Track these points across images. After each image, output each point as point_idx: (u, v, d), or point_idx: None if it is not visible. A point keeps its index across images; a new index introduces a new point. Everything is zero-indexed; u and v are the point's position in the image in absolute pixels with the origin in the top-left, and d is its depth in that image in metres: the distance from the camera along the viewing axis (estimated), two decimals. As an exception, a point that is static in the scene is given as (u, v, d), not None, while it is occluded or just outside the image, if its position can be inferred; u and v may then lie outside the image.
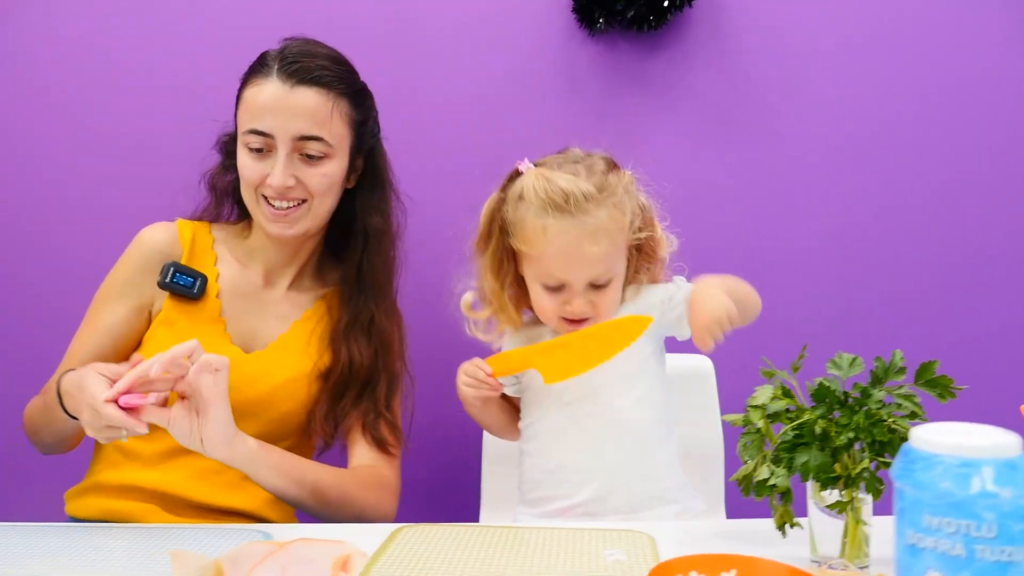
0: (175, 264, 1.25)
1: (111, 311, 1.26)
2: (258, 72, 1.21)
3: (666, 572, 0.71)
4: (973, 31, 1.67)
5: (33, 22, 1.66)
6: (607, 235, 1.11)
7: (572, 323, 1.16)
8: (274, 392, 1.24)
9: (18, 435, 1.29)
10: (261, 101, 1.19)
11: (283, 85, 1.18)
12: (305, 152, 1.21)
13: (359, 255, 1.31)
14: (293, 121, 1.18)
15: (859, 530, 0.83)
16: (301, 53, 1.22)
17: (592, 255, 1.10)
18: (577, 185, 1.10)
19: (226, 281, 1.29)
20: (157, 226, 1.31)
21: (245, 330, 1.28)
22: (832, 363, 0.86)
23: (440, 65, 1.67)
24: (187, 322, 1.24)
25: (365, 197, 1.33)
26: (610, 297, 1.16)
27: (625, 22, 1.63)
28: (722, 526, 1.01)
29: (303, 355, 1.28)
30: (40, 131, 1.66)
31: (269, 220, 1.23)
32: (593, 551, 0.90)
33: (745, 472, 0.84)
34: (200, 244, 1.30)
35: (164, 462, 1.19)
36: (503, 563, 0.86)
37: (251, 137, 1.20)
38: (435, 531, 0.96)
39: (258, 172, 1.21)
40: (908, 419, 0.81)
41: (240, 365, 1.20)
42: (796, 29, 1.67)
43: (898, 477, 0.58)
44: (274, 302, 1.31)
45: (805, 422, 0.80)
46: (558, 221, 1.10)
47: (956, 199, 1.68)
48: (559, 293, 1.15)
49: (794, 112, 1.68)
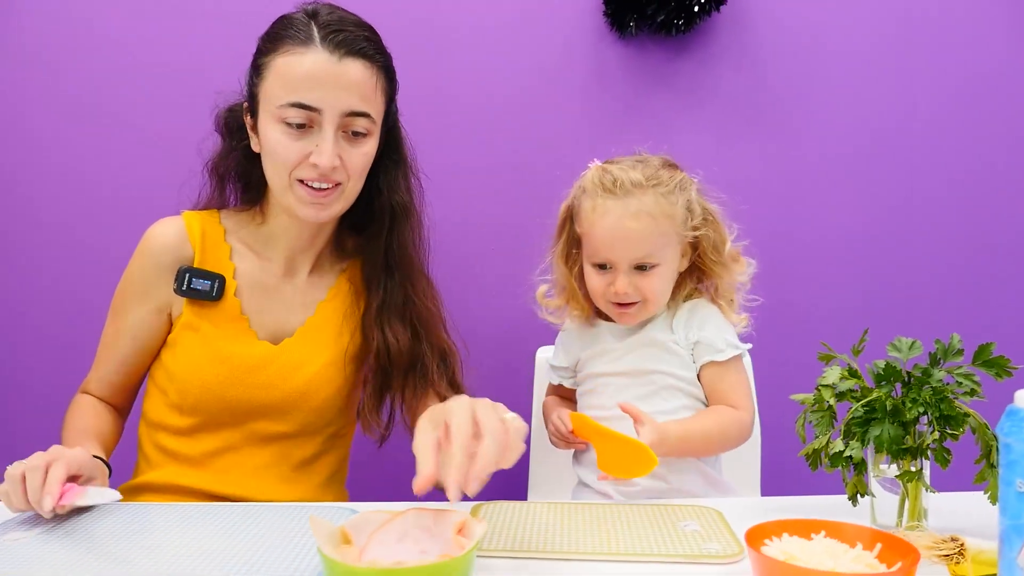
0: (189, 269, 1.18)
1: (131, 317, 1.21)
2: (293, 38, 1.10)
3: (761, 533, 0.77)
4: (985, 34, 1.76)
5: (31, 13, 1.69)
6: (650, 217, 1.19)
7: (620, 307, 1.24)
8: (311, 381, 1.21)
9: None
10: (305, 71, 1.08)
11: (330, 56, 1.08)
12: (351, 129, 1.12)
13: (384, 234, 1.24)
14: (344, 95, 1.09)
15: (919, 499, 0.90)
16: (341, 21, 1.12)
17: (634, 232, 1.19)
18: (627, 173, 1.21)
19: (244, 276, 1.22)
20: (164, 224, 1.23)
21: (270, 322, 1.23)
22: (892, 346, 0.93)
23: (476, 65, 1.73)
24: (210, 325, 1.19)
25: (390, 174, 1.24)
26: (655, 284, 1.22)
27: (655, 25, 1.70)
28: (778, 502, 1.06)
29: (335, 337, 1.24)
30: (38, 118, 1.69)
31: (304, 203, 1.14)
32: (670, 523, 0.95)
33: (815, 446, 0.90)
34: (211, 238, 1.22)
35: (211, 462, 1.19)
36: (596, 531, 0.92)
37: (292, 111, 1.09)
38: (517, 507, 1.02)
39: (297, 150, 1.11)
40: (967, 397, 0.88)
41: (272, 360, 1.19)
42: (818, 34, 1.75)
43: (1007, 434, 0.64)
44: (297, 289, 1.25)
45: (876, 399, 0.86)
46: (606, 201, 1.21)
47: (970, 195, 1.78)
48: (607, 273, 1.23)
49: (816, 113, 1.76)
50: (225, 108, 1.24)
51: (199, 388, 1.17)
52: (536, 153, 1.75)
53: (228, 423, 1.19)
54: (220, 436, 1.19)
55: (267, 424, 1.20)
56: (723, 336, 1.24)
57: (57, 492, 0.91)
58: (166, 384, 1.20)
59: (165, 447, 1.20)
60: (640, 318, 1.26)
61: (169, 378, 1.19)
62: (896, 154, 1.77)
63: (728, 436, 1.21)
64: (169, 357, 1.20)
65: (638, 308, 1.24)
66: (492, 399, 1.23)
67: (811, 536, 0.77)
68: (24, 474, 0.93)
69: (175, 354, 1.19)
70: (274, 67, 1.10)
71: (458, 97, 1.73)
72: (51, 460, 0.95)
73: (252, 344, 1.20)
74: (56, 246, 1.70)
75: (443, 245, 1.72)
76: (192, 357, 1.18)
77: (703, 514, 0.99)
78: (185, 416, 1.18)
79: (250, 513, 0.97)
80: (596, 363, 1.29)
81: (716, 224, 1.26)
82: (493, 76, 1.73)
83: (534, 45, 1.73)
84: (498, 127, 1.74)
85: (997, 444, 0.85)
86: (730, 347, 1.24)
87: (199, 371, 1.17)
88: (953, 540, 0.77)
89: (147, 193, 1.67)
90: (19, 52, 1.68)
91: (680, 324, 1.26)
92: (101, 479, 1.04)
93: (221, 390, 1.17)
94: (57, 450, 0.98)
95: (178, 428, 1.19)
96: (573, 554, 0.85)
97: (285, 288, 1.24)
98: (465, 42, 1.72)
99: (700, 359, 1.24)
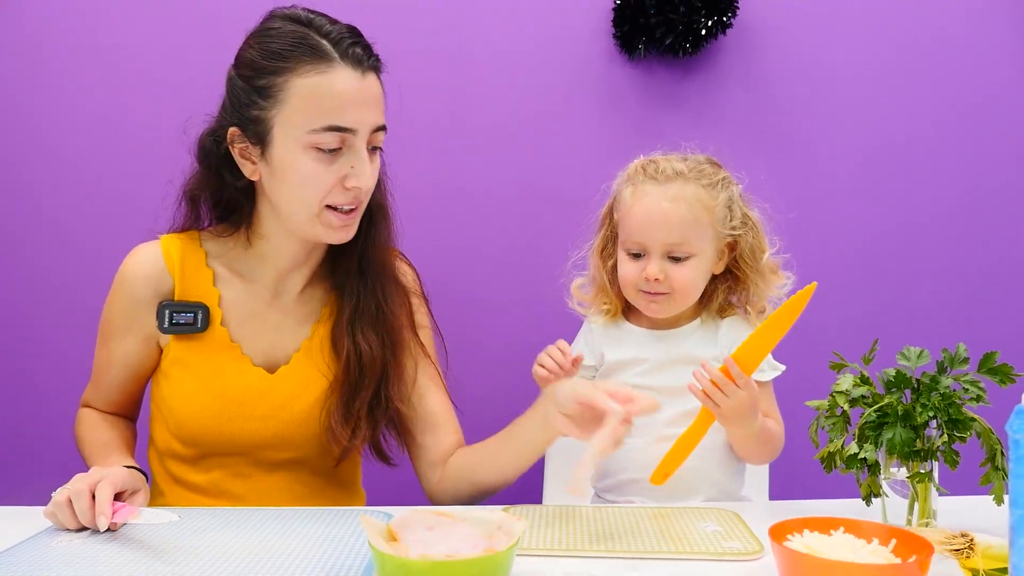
0: (170, 304, 1.13)
1: (119, 347, 1.18)
2: (310, 56, 1.02)
3: (784, 530, 0.81)
4: (987, 56, 1.83)
5: (30, 19, 1.74)
6: (687, 204, 1.19)
7: (649, 296, 1.22)
8: (310, 410, 1.16)
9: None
10: (338, 92, 1.01)
11: (355, 72, 1.03)
12: (374, 145, 1.08)
13: (361, 236, 1.16)
14: (373, 112, 1.05)
15: (928, 500, 0.95)
16: (349, 31, 1.06)
17: (671, 215, 1.19)
18: (671, 163, 1.24)
19: (230, 302, 1.16)
20: (140, 255, 1.16)
21: (265, 347, 1.17)
22: (901, 355, 0.98)
23: (489, 87, 1.78)
24: (199, 358, 1.15)
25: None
26: (686, 273, 1.21)
27: (663, 48, 1.76)
28: (790, 505, 1.11)
29: (330, 360, 1.19)
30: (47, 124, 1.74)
31: (333, 228, 1.08)
32: (690, 524, 1.00)
33: (830, 450, 0.95)
34: (191, 265, 1.16)
35: (222, 490, 1.17)
36: (622, 532, 0.97)
37: (327, 136, 1.02)
38: (543, 510, 1.06)
39: (332, 176, 1.04)
40: (973, 402, 0.93)
41: (267, 390, 1.15)
42: (823, 56, 1.81)
43: (1016, 431, 0.69)
44: (288, 310, 1.19)
45: (887, 404, 0.91)
46: (645, 185, 1.23)
47: (971, 210, 1.84)
48: (639, 260, 1.23)
49: (821, 133, 1.82)
50: (208, 132, 1.13)
51: (195, 423, 1.14)
52: (548, 171, 1.81)
53: (232, 453, 1.17)
54: (227, 466, 1.17)
55: (272, 453, 1.17)
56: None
57: (110, 512, 0.92)
58: (167, 414, 1.17)
59: (176, 475, 1.19)
60: (667, 311, 1.25)
61: (166, 409, 1.17)
62: (900, 172, 1.83)
63: (774, 444, 1.23)
64: (164, 388, 1.17)
65: (666, 299, 1.23)
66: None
67: (830, 532, 0.82)
68: (70, 499, 0.94)
69: (169, 386, 1.16)
70: (296, 90, 1.02)
71: (473, 117, 1.78)
72: (95, 482, 0.95)
73: (247, 373, 1.16)
74: (63, 250, 1.75)
75: (458, 260, 1.79)
76: (185, 392, 1.15)
77: (722, 516, 1.04)
78: (187, 446, 1.16)
79: (291, 516, 1.02)
80: (627, 371, 1.28)
81: (756, 231, 1.26)
82: (507, 97, 1.79)
83: (546, 67, 1.79)
84: (512, 146, 1.79)
85: (1002, 448, 0.91)
86: (770, 367, 1.25)
87: (192, 406, 1.14)
88: (963, 536, 0.81)
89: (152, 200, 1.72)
90: (26, 57, 1.73)
91: (723, 339, 1.26)
92: (144, 489, 1.05)
93: (217, 424, 1.14)
94: (98, 472, 0.99)
95: (185, 456, 1.17)
96: (601, 552, 0.90)
97: (274, 310, 1.19)
98: (480, 65, 1.78)
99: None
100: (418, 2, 1.76)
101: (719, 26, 1.72)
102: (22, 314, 1.76)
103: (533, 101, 1.79)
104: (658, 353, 1.27)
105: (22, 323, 1.76)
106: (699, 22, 1.71)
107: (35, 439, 1.75)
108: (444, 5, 1.77)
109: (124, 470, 1.03)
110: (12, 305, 1.76)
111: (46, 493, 1.00)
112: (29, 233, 1.75)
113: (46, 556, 0.87)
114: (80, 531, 0.95)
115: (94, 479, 0.96)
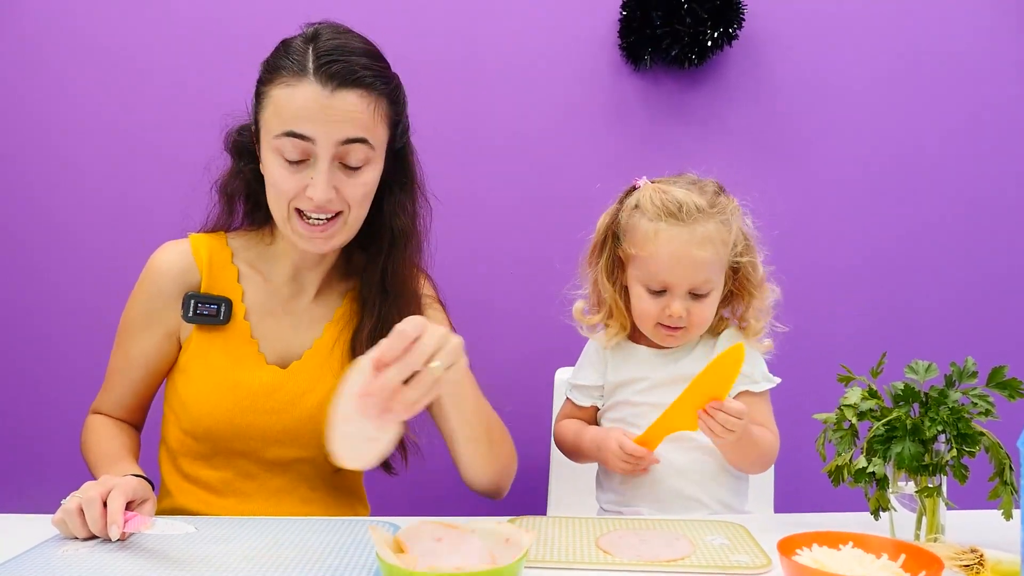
0: (195, 295, 1.18)
1: (139, 343, 1.21)
2: (288, 69, 1.07)
3: (793, 544, 0.81)
4: (993, 67, 1.84)
5: (36, 19, 1.75)
6: (713, 245, 1.19)
7: (668, 329, 1.23)
8: (320, 406, 1.15)
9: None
10: (297, 106, 1.06)
11: (323, 89, 1.06)
12: (346, 161, 1.10)
13: (382, 258, 1.22)
14: (337, 126, 1.07)
15: (936, 515, 0.95)
16: (337, 49, 1.08)
17: (699, 259, 1.18)
18: (691, 198, 1.19)
19: (252, 299, 1.21)
20: (170, 249, 1.22)
21: (279, 346, 1.21)
22: (910, 368, 0.98)
23: (496, 96, 1.79)
24: (219, 351, 1.19)
25: (395, 196, 1.21)
26: (706, 309, 1.23)
27: (669, 59, 1.76)
28: (796, 518, 1.11)
29: (343, 360, 1.22)
30: (45, 132, 1.75)
31: (303, 237, 1.13)
32: (697, 537, 1.00)
33: (838, 463, 0.95)
34: (218, 262, 1.21)
35: (231, 489, 1.19)
36: (630, 544, 0.96)
37: (286, 142, 1.07)
38: (549, 521, 1.06)
39: (294, 183, 1.09)
40: (982, 417, 0.93)
41: (279, 385, 1.18)
42: (828, 67, 1.82)
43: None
44: (304, 309, 1.24)
45: (896, 418, 0.91)
46: (671, 227, 1.19)
47: (978, 222, 1.85)
48: (660, 297, 1.22)
49: (826, 144, 1.83)
50: (235, 129, 1.21)
51: (208, 416, 1.17)
52: (554, 179, 1.81)
53: (242, 451, 1.19)
54: (236, 464, 1.20)
55: (280, 450, 1.20)
56: (760, 368, 1.27)
57: (122, 521, 0.92)
58: (179, 411, 1.20)
59: (187, 473, 1.21)
60: (684, 341, 1.26)
61: (181, 404, 1.19)
62: (907, 182, 1.83)
63: (768, 455, 1.24)
64: (181, 383, 1.20)
65: (684, 332, 1.24)
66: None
67: (839, 547, 0.81)
68: (80, 507, 0.94)
69: (186, 380, 1.19)
70: (271, 98, 1.09)
71: (479, 125, 1.79)
72: (106, 490, 0.95)
73: (260, 369, 1.19)
74: (65, 252, 1.76)
75: (465, 271, 1.79)
76: (202, 384, 1.18)
77: (728, 529, 1.03)
78: (200, 443, 1.19)
79: (298, 526, 1.01)
80: (632, 390, 1.28)
81: (753, 249, 1.27)
82: (513, 106, 1.79)
83: (553, 77, 1.80)
84: (518, 154, 1.80)
85: (1011, 462, 0.91)
86: (765, 379, 1.27)
87: (208, 399, 1.17)
88: (972, 551, 0.81)
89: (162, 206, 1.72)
90: (26, 57, 1.74)
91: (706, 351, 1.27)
92: (152, 499, 1.05)
93: (230, 417, 1.17)
94: (109, 480, 0.99)
95: (197, 452, 1.20)
96: (609, 565, 0.90)
97: (292, 309, 1.23)
98: (487, 74, 1.79)
99: (734, 388, 1.23)
100: (426, 12, 1.77)
101: (725, 37, 1.73)
102: (26, 319, 1.76)
103: (539, 110, 1.80)
104: (659, 372, 1.28)
105: (26, 328, 1.76)
106: (705, 33, 1.72)
107: (39, 446, 1.75)
108: (451, 15, 1.78)
109: (134, 479, 1.02)
110: (15, 310, 1.76)
111: (49, 501, 1.00)
112: (30, 234, 1.76)
113: (51, 565, 0.86)
114: (87, 540, 0.95)
115: (106, 487, 0.96)
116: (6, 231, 1.76)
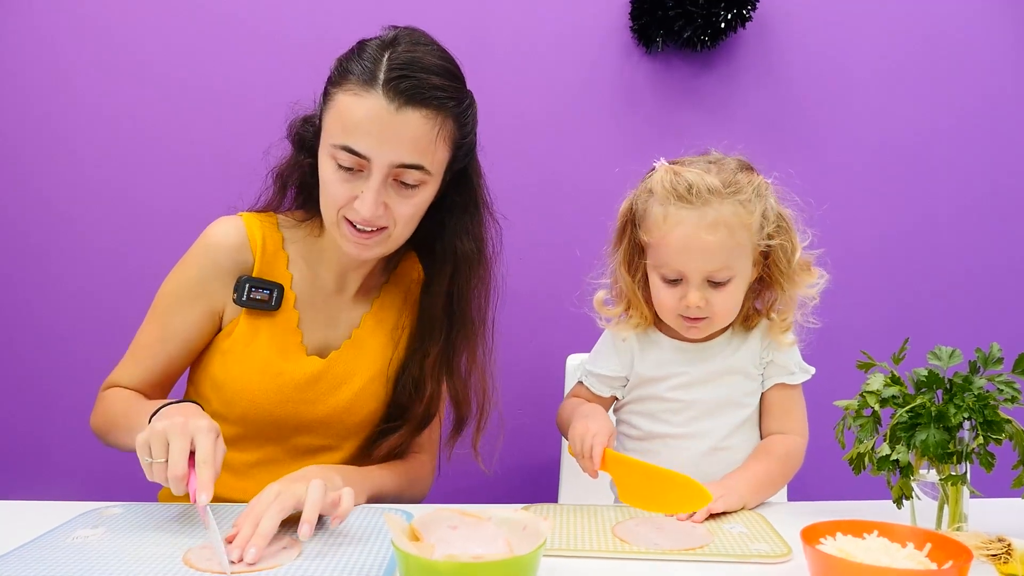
0: (249, 279, 1.16)
1: (183, 317, 1.17)
2: (358, 77, 1.04)
3: (816, 532, 0.80)
4: (1007, 52, 1.81)
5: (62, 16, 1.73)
6: (727, 228, 1.10)
7: (689, 321, 1.16)
8: (356, 398, 1.20)
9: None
10: (359, 118, 1.03)
11: (388, 105, 1.03)
12: (400, 179, 1.08)
13: (447, 280, 1.20)
14: (394, 148, 1.04)
15: (960, 503, 0.93)
16: (412, 64, 1.05)
17: (709, 244, 1.10)
18: (703, 179, 1.10)
19: (299, 287, 1.20)
20: (225, 225, 1.18)
21: (319, 336, 1.21)
22: (932, 354, 0.96)
23: (507, 81, 1.77)
24: (265, 337, 1.17)
25: (456, 218, 1.19)
26: (728, 298, 1.14)
27: (681, 41, 1.74)
28: (815, 506, 1.09)
29: (380, 351, 1.22)
30: (69, 127, 1.73)
31: (347, 240, 1.12)
32: (716, 525, 0.98)
33: (860, 451, 0.93)
34: (271, 245, 1.19)
35: (251, 473, 1.18)
36: (647, 533, 0.95)
37: (342, 154, 1.05)
38: (564, 509, 1.05)
39: (345, 191, 1.08)
40: (1008, 403, 0.91)
41: (319, 376, 1.18)
42: (841, 51, 1.79)
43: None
44: (344, 305, 1.24)
45: (920, 405, 0.89)
46: (679, 210, 1.11)
47: (997, 205, 1.83)
48: (677, 287, 1.14)
49: (840, 127, 1.80)
50: (299, 119, 1.18)
51: (248, 402, 1.16)
52: (565, 164, 1.79)
53: (272, 437, 1.19)
54: (262, 449, 1.19)
55: (309, 439, 1.20)
56: (796, 359, 1.21)
57: (212, 491, 0.87)
58: (210, 393, 1.18)
59: None
60: (708, 332, 1.19)
61: (214, 387, 1.17)
62: (921, 167, 1.81)
63: (789, 471, 1.18)
64: (218, 365, 1.17)
65: (707, 323, 1.16)
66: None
67: (863, 536, 0.80)
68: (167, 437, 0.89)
69: (225, 363, 1.17)
70: (336, 102, 1.06)
71: (490, 111, 1.75)
72: (191, 434, 0.90)
73: (302, 360, 1.18)
74: (69, 250, 1.75)
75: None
76: (243, 370, 1.16)
77: (747, 517, 1.02)
78: (229, 425, 1.16)
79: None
80: (662, 386, 1.22)
81: (789, 231, 1.17)
82: (524, 90, 1.77)
83: (564, 60, 1.77)
84: (529, 139, 1.78)
85: (1037, 449, 0.89)
86: (801, 371, 1.21)
87: (249, 385, 1.16)
88: (1000, 540, 0.79)
89: (167, 202, 1.71)
90: (26, 57, 1.72)
91: (757, 346, 1.21)
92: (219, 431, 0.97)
93: (270, 406, 1.16)
94: (194, 420, 0.92)
95: (227, 435, 1.14)
96: (626, 554, 0.88)
97: (333, 302, 1.22)
98: (498, 58, 1.76)
99: (769, 380, 1.20)
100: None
101: (738, 20, 1.71)
102: (36, 312, 1.75)
103: (551, 94, 1.77)
104: (694, 368, 1.21)
105: (31, 318, 1.75)
106: (718, 15, 1.69)
107: (47, 434, 1.74)
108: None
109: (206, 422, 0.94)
110: (21, 300, 1.75)
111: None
112: (35, 232, 1.75)
113: (63, 551, 0.85)
114: (96, 528, 0.94)
115: (189, 429, 0.90)
116: (9, 223, 1.75)
